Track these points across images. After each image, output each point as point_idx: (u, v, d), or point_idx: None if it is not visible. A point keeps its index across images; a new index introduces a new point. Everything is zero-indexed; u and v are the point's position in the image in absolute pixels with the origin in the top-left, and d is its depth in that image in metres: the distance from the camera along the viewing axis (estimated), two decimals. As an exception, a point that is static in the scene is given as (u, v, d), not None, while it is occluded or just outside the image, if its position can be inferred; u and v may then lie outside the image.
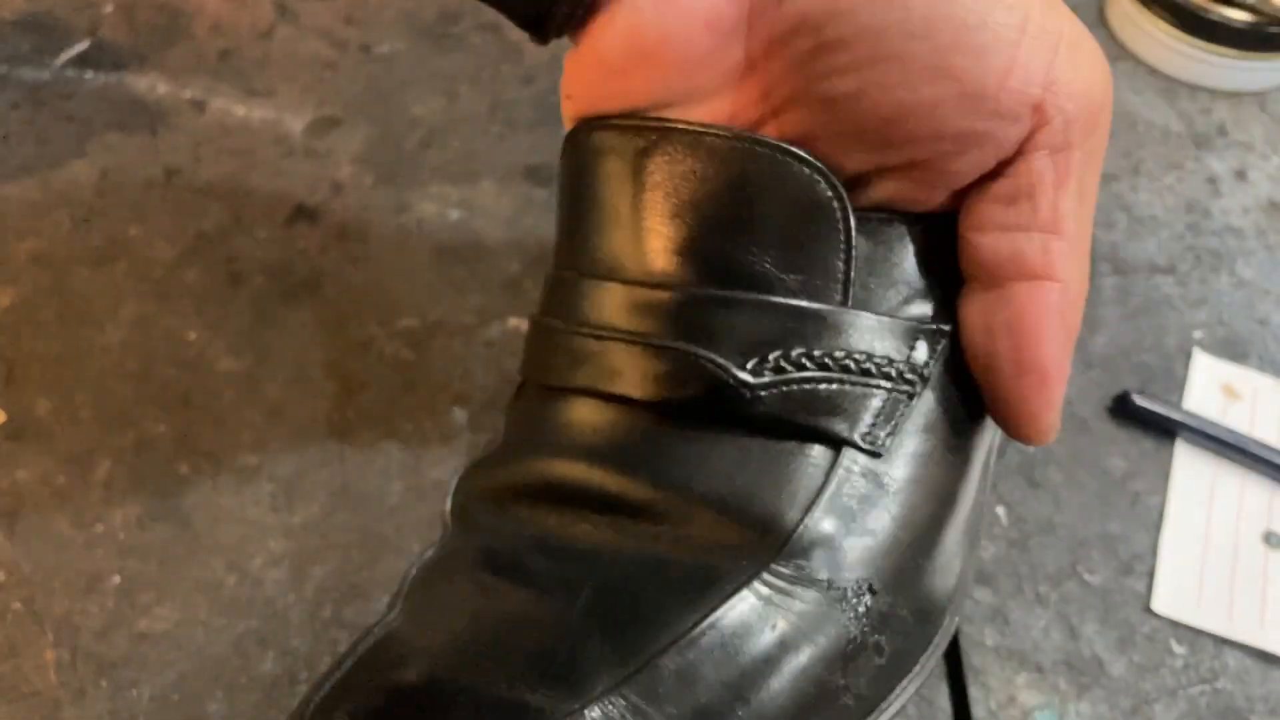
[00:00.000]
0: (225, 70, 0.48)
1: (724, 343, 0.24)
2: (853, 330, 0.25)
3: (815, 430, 0.24)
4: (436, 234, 0.43)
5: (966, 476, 0.27)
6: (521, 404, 0.28)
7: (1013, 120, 0.23)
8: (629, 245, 0.25)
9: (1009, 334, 0.25)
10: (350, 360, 0.39)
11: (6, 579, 0.33)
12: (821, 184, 0.24)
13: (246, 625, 0.33)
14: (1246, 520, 0.36)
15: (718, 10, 0.23)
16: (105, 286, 0.41)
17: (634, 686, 0.22)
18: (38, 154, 0.45)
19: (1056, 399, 0.25)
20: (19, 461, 0.36)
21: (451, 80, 0.48)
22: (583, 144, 0.26)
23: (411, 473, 0.36)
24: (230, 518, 0.35)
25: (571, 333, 0.26)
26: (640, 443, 0.25)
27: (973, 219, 0.25)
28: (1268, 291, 0.42)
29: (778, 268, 0.24)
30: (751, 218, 0.24)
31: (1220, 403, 0.38)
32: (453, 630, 0.24)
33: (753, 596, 0.23)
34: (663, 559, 0.24)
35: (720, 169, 0.24)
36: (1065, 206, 0.24)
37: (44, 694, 0.31)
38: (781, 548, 0.24)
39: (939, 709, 0.31)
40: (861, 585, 0.24)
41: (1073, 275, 0.24)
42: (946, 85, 0.23)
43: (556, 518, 0.25)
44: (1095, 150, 0.24)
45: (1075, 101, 0.23)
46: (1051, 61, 0.23)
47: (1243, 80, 0.49)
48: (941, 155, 0.24)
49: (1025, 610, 0.33)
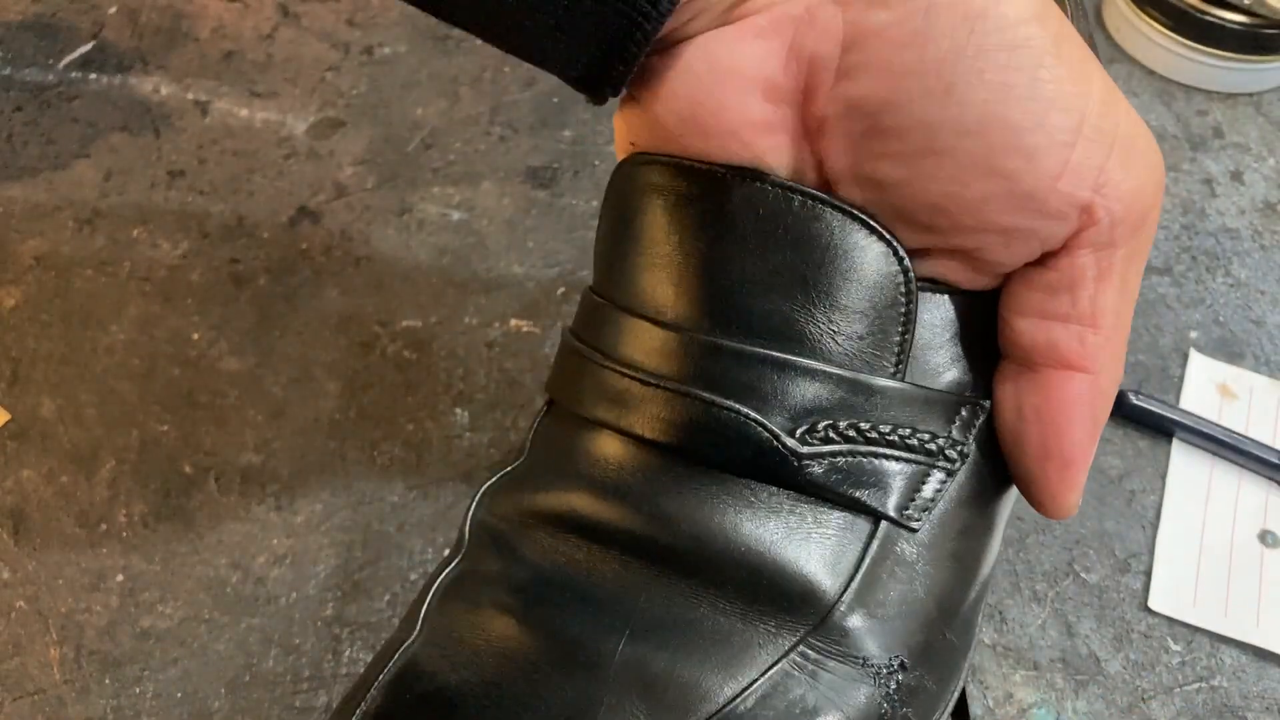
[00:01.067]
0: (228, 72, 0.48)
1: (773, 405, 0.24)
2: (903, 403, 0.24)
3: (856, 502, 0.24)
4: (438, 235, 0.43)
5: (991, 548, 0.27)
6: (550, 424, 0.28)
7: (1060, 220, 0.23)
8: (676, 286, 0.25)
9: (1037, 419, 0.25)
10: (352, 360, 0.39)
11: (11, 577, 0.34)
12: (888, 253, 0.24)
13: (249, 623, 0.33)
14: (1242, 519, 0.36)
15: (773, 82, 0.23)
16: (109, 287, 0.41)
17: None
18: (42, 155, 0.45)
19: (1078, 482, 0.25)
20: (23, 461, 0.36)
21: (453, 82, 0.48)
22: (637, 176, 0.25)
23: (413, 472, 0.36)
24: (233, 516, 0.35)
25: (608, 367, 0.25)
26: (675, 490, 0.24)
27: (1013, 302, 0.25)
28: (1263, 292, 0.42)
29: (835, 333, 0.24)
30: (813, 279, 0.24)
31: (1216, 402, 0.39)
32: (483, 670, 0.23)
33: (791, 669, 0.23)
34: (698, 619, 0.24)
35: (784, 223, 0.24)
36: (1105, 302, 0.24)
37: (48, 691, 0.31)
38: (820, 623, 0.23)
39: (937, 706, 0.32)
40: (894, 661, 0.24)
41: (1106, 368, 0.24)
42: (996, 184, 0.22)
43: (585, 553, 0.25)
44: (1140, 248, 0.24)
45: (1124, 203, 0.23)
46: (1104, 164, 0.22)
47: (1238, 82, 0.49)
48: (984, 245, 0.24)
49: (1022, 608, 0.34)
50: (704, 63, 0.23)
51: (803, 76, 0.23)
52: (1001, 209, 0.23)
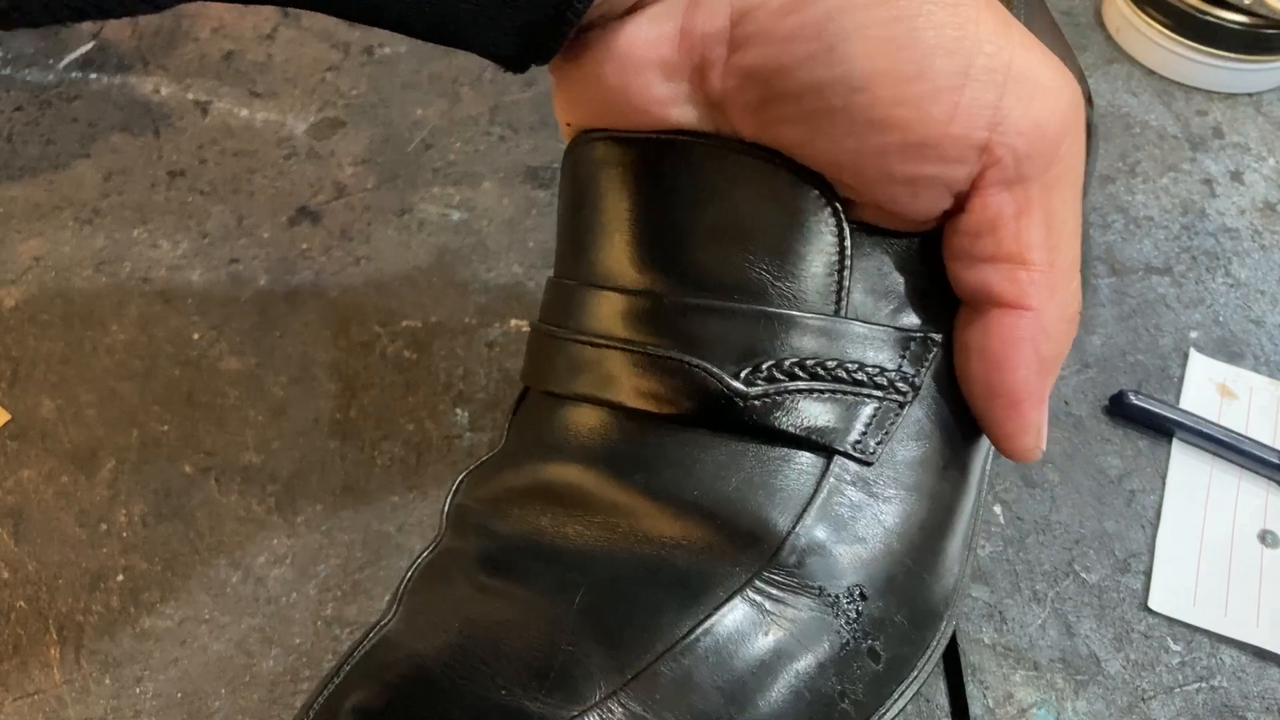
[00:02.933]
0: (228, 72, 0.48)
1: (717, 351, 0.24)
2: (845, 339, 0.25)
3: (806, 439, 0.25)
4: (438, 235, 0.43)
5: (962, 485, 0.27)
6: (524, 410, 0.29)
7: (959, 162, 0.23)
8: (625, 254, 0.26)
9: (979, 359, 0.25)
10: (352, 360, 0.39)
11: (11, 577, 0.34)
12: (817, 194, 0.24)
13: (249, 623, 0.33)
14: (1242, 519, 0.36)
15: (669, 62, 0.24)
16: (109, 287, 0.41)
17: (631, 693, 0.22)
18: (42, 155, 0.45)
19: (1031, 423, 0.25)
20: (24, 461, 0.36)
21: (453, 83, 0.48)
22: (581, 155, 0.27)
23: (413, 472, 0.36)
24: (233, 516, 0.35)
25: (570, 340, 0.26)
26: (634, 448, 0.25)
27: (948, 248, 0.25)
28: (1263, 292, 0.42)
29: (773, 277, 0.25)
30: (747, 227, 0.25)
31: (1216, 402, 0.39)
32: (449, 633, 0.24)
33: (745, 604, 0.23)
34: (655, 563, 0.24)
35: (716, 179, 0.25)
36: (1031, 238, 0.24)
37: (48, 691, 0.31)
38: (773, 555, 0.24)
39: (937, 706, 0.32)
40: (853, 591, 0.24)
41: (1047, 304, 0.25)
42: (891, 135, 0.23)
43: (549, 517, 0.26)
44: (1060, 179, 0.24)
45: (1025, 138, 0.23)
46: (998, 101, 0.23)
47: (1238, 82, 0.49)
48: (894, 197, 0.24)
49: (1022, 608, 0.34)
50: (606, 48, 0.24)
51: (697, 54, 0.24)
52: (900, 159, 0.23)
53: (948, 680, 0.32)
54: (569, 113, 0.27)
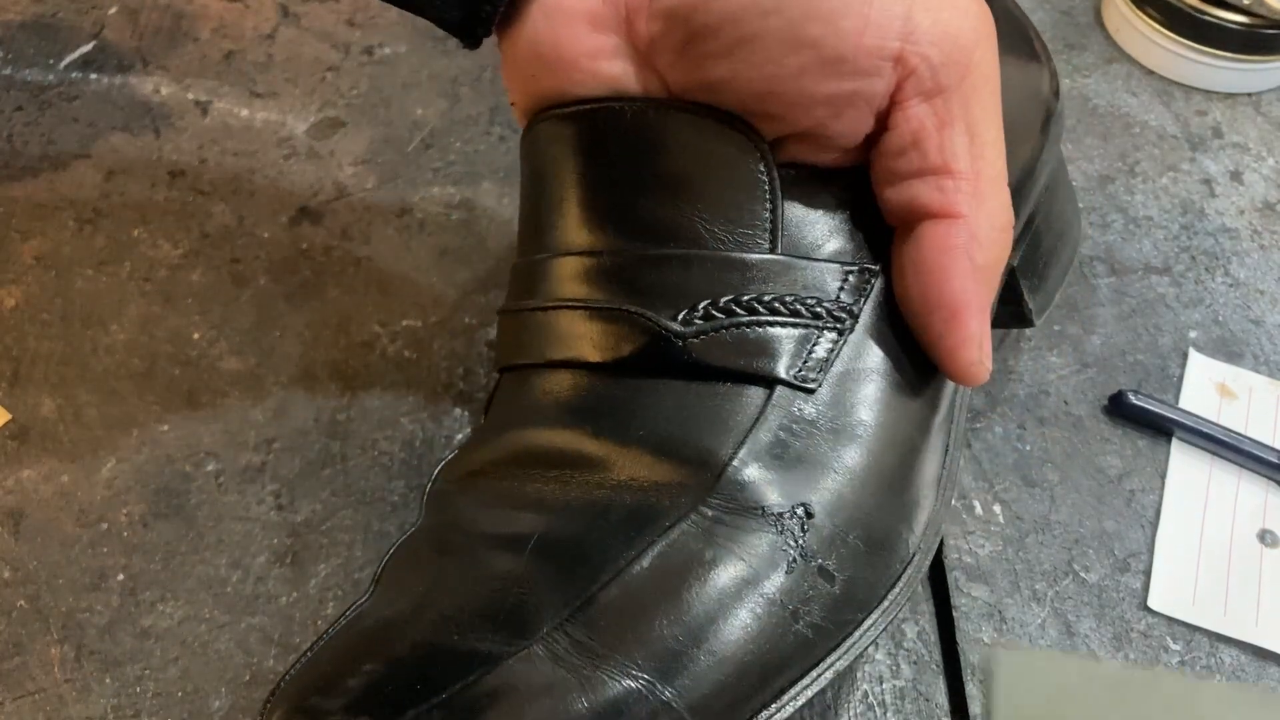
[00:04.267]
0: (229, 72, 0.48)
1: (656, 298, 0.26)
2: (779, 274, 0.26)
3: (746, 371, 0.25)
4: (438, 235, 0.43)
5: (923, 419, 0.27)
6: (496, 394, 0.30)
7: (875, 75, 0.24)
8: (576, 221, 0.27)
9: (914, 272, 0.26)
10: (353, 360, 0.39)
11: (12, 576, 0.34)
12: (742, 138, 0.25)
13: (250, 622, 0.33)
14: (1241, 518, 0.36)
15: (595, 11, 0.25)
16: (110, 287, 0.41)
17: (577, 622, 0.23)
18: (43, 155, 0.45)
19: (972, 334, 0.26)
20: (24, 460, 0.36)
21: (453, 82, 0.49)
22: (531, 138, 0.28)
23: (413, 472, 0.36)
24: (234, 516, 0.35)
25: (530, 310, 0.28)
26: (590, 401, 0.26)
27: (875, 175, 0.26)
28: (1262, 291, 0.42)
29: (707, 222, 0.26)
30: (679, 178, 0.26)
31: (1215, 402, 0.39)
32: (412, 597, 0.25)
33: (689, 527, 0.24)
34: (605, 503, 0.25)
35: (647, 137, 0.26)
36: (953, 147, 0.25)
37: (49, 690, 0.31)
38: (716, 481, 0.25)
39: (936, 705, 0.32)
40: (797, 510, 0.25)
41: (976, 212, 0.25)
42: (806, 54, 0.24)
43: (510, 482, 0.26)
44: (978, 87, 0.25)
45: (938, 46, 0.24)
46: (908, 13, 0.24)
47: (1238, 82, 0.49)
48: (820, 121, 0.25)
49: (1022, 608, 0.34)
50: (537, 5, 0.25)
51: (620, 2, 0.25)
52: (818, 78, 0.24)
53: (947, 679, 0.32)
54: (514, 84, 0.28)
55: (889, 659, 0.32)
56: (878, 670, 0.32)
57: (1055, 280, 0.36)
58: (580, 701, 0.22)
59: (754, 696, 0.24)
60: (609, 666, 0.22)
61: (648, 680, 0.22)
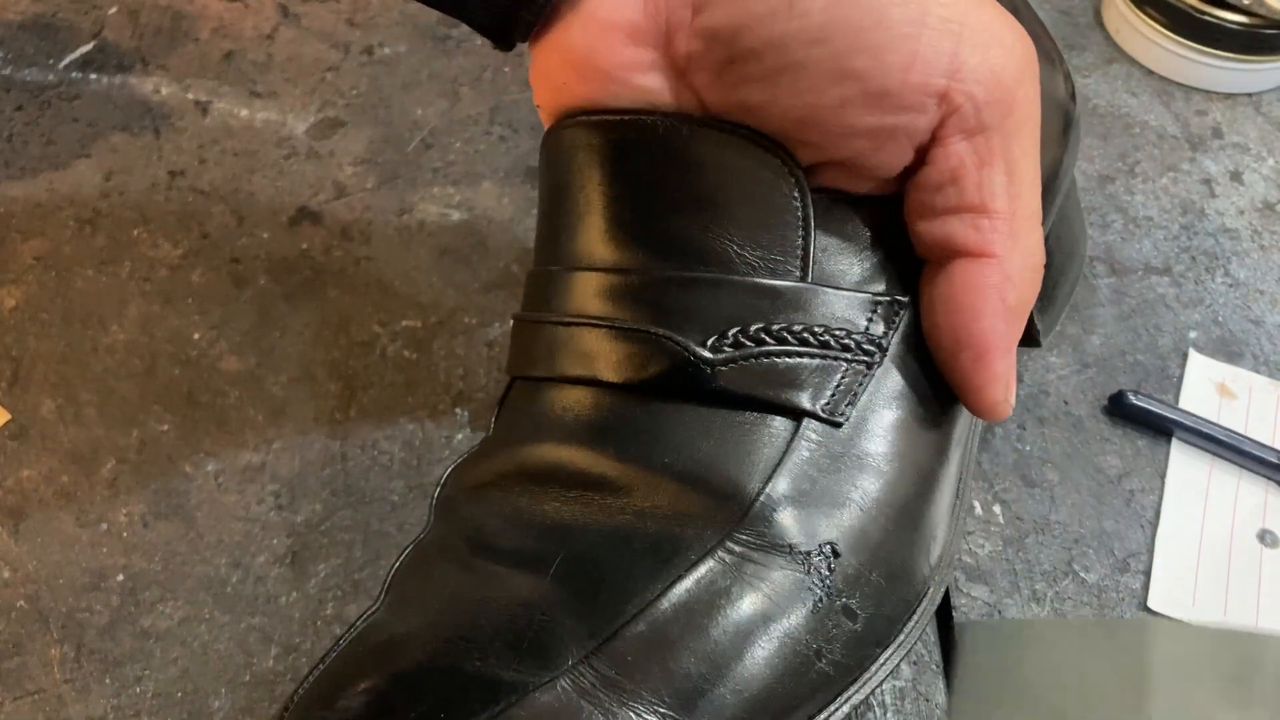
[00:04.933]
0: (229, 72, 0.48)
1: (685, 322, 0.25)
2: (811, 304, 0.25)
3: (775, 403, 0.25)
4: (438, 235, 0.43)
5: (940, 447, 0.27)
6: (508, 401, 0.29)
7: (919, 111, 0.24)
8: (600, 234, 0.26)
9: (945, 310, 0.26)
10: (353, 360, 0.39)
11: (12, 577, 0.34)
12: (778, 163, 0.25)
13: (249, 622, 0.33)
14: (1241, 518, 0.36)
15: (635, 24, 0.25)
16: (110, 287, 0.41)
17: (603, 656, 0.23)
18: (43, 155, 0.45)
19: (999, 374, 0.26)
20: (24, 460, 0.36)
21: (453, 82, 0.49)
22: (554, 143, 0.27)
23: (413, 472, 0.36)
24: (233, 516, 0.35)
25: (550, 323, 0.27)
26: (610, 421, 0.26)
27: (910, 206, 0.26)
28: (1262, 292, 0.42)
29: (738, 246, 0.25)
30: (711, 199, 0.25)
31: (1215, 402, 0.39)
32: (429, 614, 0.24)
33: (716, 563, 0.24)
34: (628, 530, 0.24)
35: (679, 154, 0.25)
36: (993, 186, 0.25)
37: (48, 691, 0.31)
38: (743, 516, 0.24)
39: (936, 705, 0.32)
40: (824, 548, 0.24)
41: (1011, 252, 0.25)
42: (850, 86, 0.23)
43: (528, 498, 0.26)
44: (1019, 127, 0.25)
45: (983, 86, 0.24)
46: (955, 50, 0.23)
47: (1238, 82, 0.49)
48: (859, 151, 0.25)
49: (1022, 608, 0.34)
50: (575, 14, 0.25)
51: (662, 17, 0.24)
52: (860, 110, 0.24)
53: (947, 680, 0.32)
54: (543, 88, 0.27)
55: (889, 659, 0.32)
56: (877, 670, 0.32)
57: (1063, 299, 0.36)
58: None
59: None
60: (635, 703, 0.22)
61: (672, 717, 0.22)
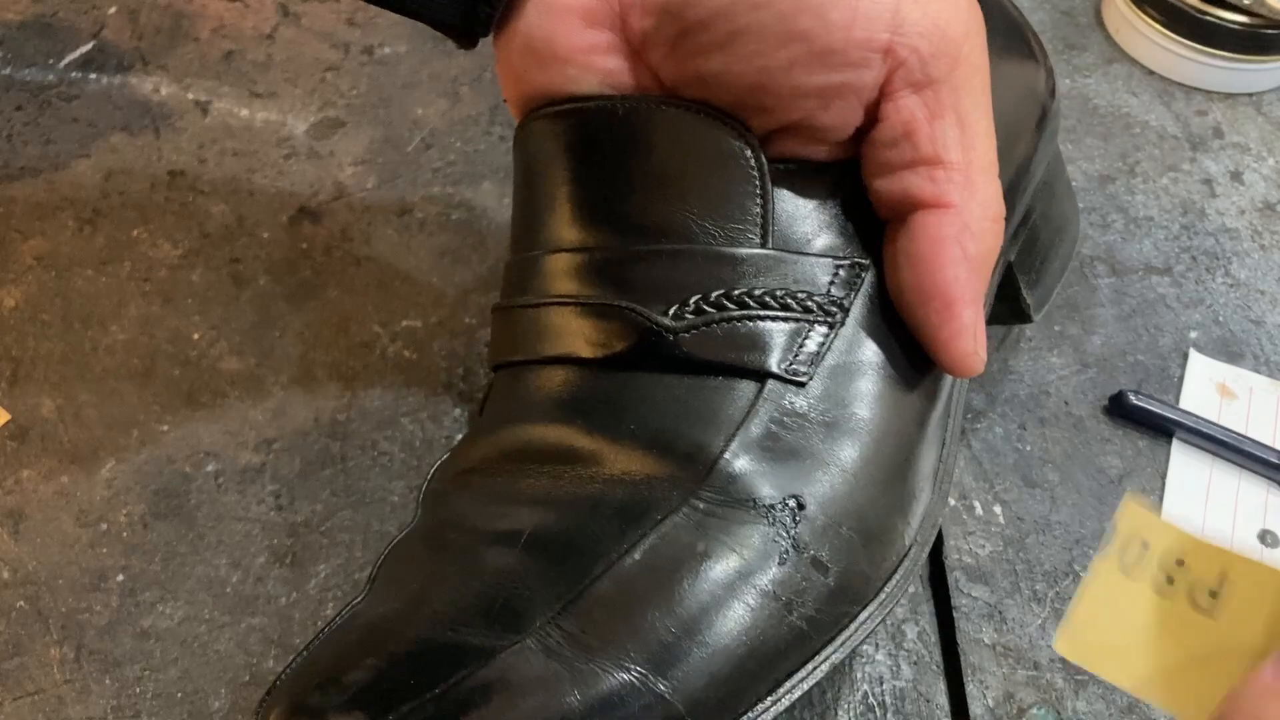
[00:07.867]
0: (228, 72, 0.48)
1: (648, 293, 0.26)
2: (770, 268, 0.26)
3: (737, 365, 0.25)
4: (438, 235, 0.43)
5: (918, 412, 0.27)
6: (490, 393, 0.30)
7: (864, 67, 0.24)
8: (569, 218, 0.27)
9: (908, 263, 0.26)
10: (353, 360, 0.39)
11: (11, 577, 0.34)
12: (734, 134, 0.26)
13: (249, 623, 0.33)
14: (1242, 519, 0.36)
15: (589, 7, 0.25)
16: (109, 287, 0.41)
17: (569, 616, 0.23)
18: (42, 155, 0.45)
19: (966, 324, 0.26)
20: (23, 461, 0.36)
21: (453, 82, 0.49)
22: (524, 135, 0.28)
23: (413, 472, 0.36)
24: (233, 516, 0.35)
25: (522, 308, 0.28)
26: (581, 395, 0.26)
27: (867, 167, 0.26)
28: (1263, 292, 0.42)
29: (698, 217, 0.26)
30: (670, 174, 0.26)
31: (1216, 402, 0.39)
32: (406, 595, 0.25)
33: (681, 519, 0.24)
34: (597, 497, 0.25)
35: (639, 134, 0.26)
36: (944, 138, 0.25)
37: (48, 691, 0.31)
38: (707, 474, 0.25)
39: (936, 705, 0.32)
40: (789, 500, 0.25)
41: (968, 202, 0.26)
42: (796, 46, 0.24)
43: (504, 478, 0.26)
44: (968, 79, 0.25)
45: (926, 39, 0.24)
46: (896, 5, 0.24)
47: (1238, 82, 0.49)
48: (809, 112, 0.25)
49: (1022, 608, 0.34)
50: (531, 3, 0.26)
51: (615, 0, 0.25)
52: (808, 70, 0.24)
53: (947, 679, 0.32)
54: (508, 81, 0.28)
55: (889, 659, 0.32)
56: (878, 671, 0.32)
57: (1053, 276, 0.36)
58: (573, 694, 0.22)
59: (749, 689, 0.24)
60: (602, 659, 0.22)
61: (641, 673, 0.22)
